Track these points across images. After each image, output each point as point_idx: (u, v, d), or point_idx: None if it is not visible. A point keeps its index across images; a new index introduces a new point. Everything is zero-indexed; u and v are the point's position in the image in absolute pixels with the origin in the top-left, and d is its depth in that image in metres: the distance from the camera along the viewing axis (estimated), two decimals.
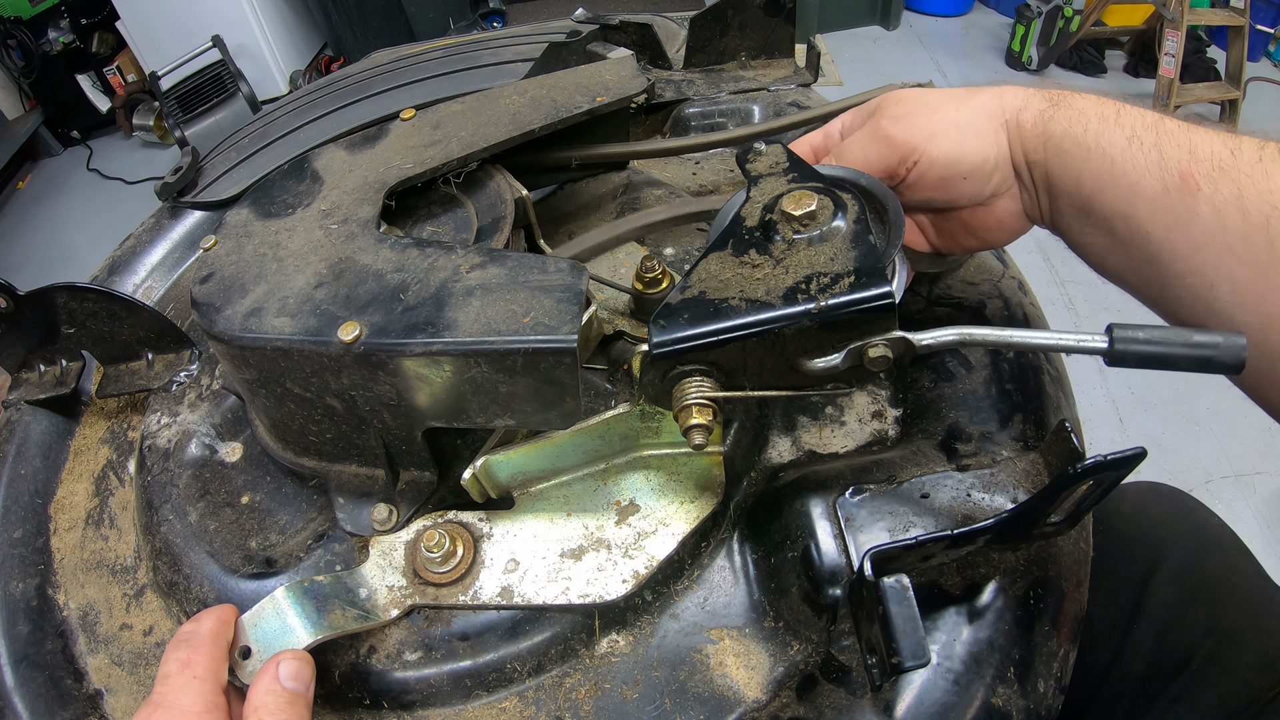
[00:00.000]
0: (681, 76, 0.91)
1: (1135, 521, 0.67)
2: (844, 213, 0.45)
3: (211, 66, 2.84)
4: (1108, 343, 0.43)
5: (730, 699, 0.48)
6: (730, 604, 0.52)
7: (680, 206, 0.63)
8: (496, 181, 0.60)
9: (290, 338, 0.46)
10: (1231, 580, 0.61)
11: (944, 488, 0.49)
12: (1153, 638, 0.60)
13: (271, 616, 0.45)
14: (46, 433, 0.71)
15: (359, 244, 0.51)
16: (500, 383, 0.44)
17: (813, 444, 0.58)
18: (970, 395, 0.57)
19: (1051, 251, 2.19)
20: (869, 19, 3.49)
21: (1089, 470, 0.39)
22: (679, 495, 0.52)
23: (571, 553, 0.50)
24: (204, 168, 0.84)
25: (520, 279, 0.46)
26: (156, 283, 0.86)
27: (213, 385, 0.65)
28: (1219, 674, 0.56)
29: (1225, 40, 2.82)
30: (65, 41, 3.29)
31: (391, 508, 0.52)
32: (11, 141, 3.27)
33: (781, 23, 0.88)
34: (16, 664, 0.57)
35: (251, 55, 3.09)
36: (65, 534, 0.65)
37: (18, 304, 0.63)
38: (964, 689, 0.45)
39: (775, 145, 0.54)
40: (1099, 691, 0.61)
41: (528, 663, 0.50)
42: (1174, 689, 0.57)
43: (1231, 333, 0.41)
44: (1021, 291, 0.65)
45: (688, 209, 0.63)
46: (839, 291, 0.41)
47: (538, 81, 0.65)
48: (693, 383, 0.44)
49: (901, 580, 0.39)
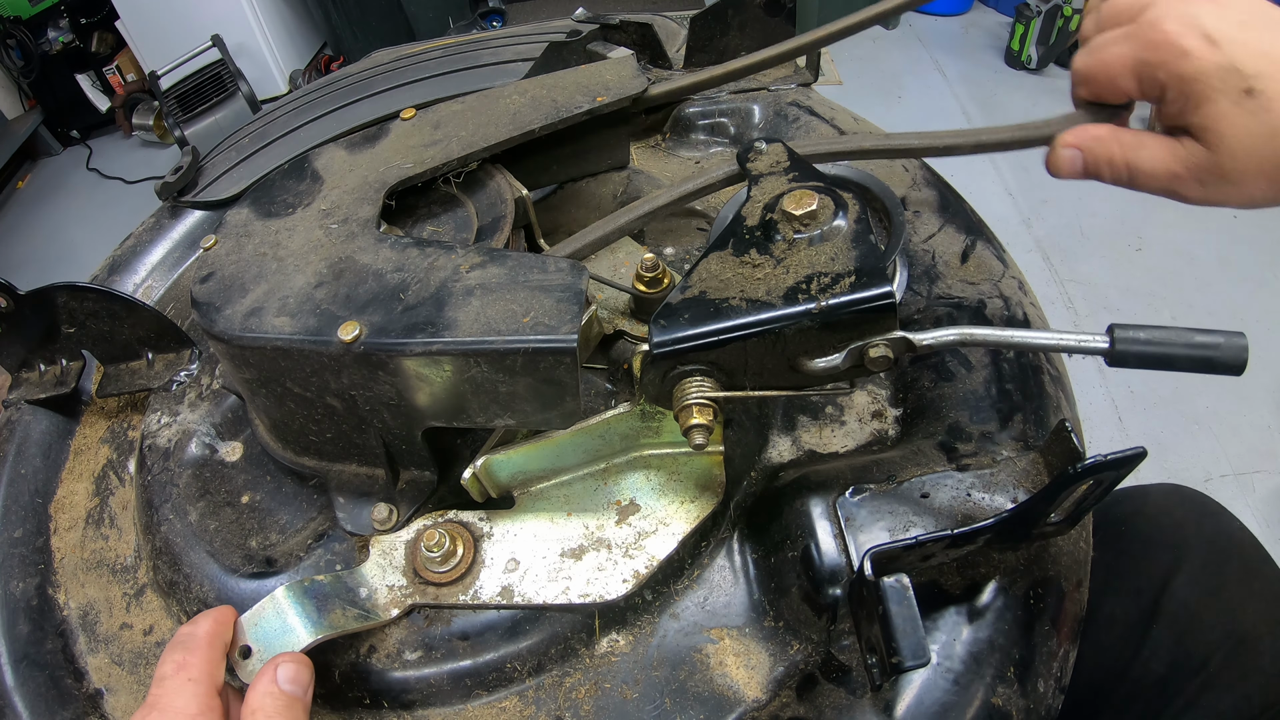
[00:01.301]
0: (682, 76, 0.91)
1: (1157, 523, 0.67)
2: (845, 212, 0.45)
3: (211, 66, 2.84)
4: (1108, 343, 0.43)
5: (730, 699, 0.48)
6: (730, 604, 0.52)
7: (680, 188, 0.61)
8: (496, 181, 0.60)
9: (290, 337, 0.46)
10: (1251, 584, 0.61)
11: (944, 487, 0.49)
12: (1171, 639, 0.60)
13: (272, 616, 0.45)
14: (47, 432, 0.71)
15: (359, 244, 0.51)
16: (500, 382, 0.44)
17: (813, 444, 0.58)
18: (970, 395, 0.57)
19: (1051, 251, 2.19)
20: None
21: (1089, 470, 0.39)
22: (679, 495, 0.52)
23: (572, 552, 0.50)
24: (204, 167, 0.84)
25: (520, 279, 0.46)
26: (156, 282, 0.86)
27: (213, 385, 0.65)
28: (1236, 678, 0.56)
29: None
30: (65, 41, 3.28)
31: (391, 507, 0.52)
32: (11, 141, 3.26)
33: (781, 22, 0.88)
34: (16, 663, 0.57)
35: (251, 55, 3.09)
36: (65, 533, 0.65)
37: (18, 303, 0.63)
38: (964, 689, 0.45)
39: (776, 144, 0.54)
40: (1115, 692, 0.61)
41: (528, 662, 0.50)
42: (1190, 691, 0.57)
43: (1232, 333, 0.41)
44: (1021, 291, 0.65)
45: (688, 188, 0.61)
46: (840, 291, 0.41)
47: (538, 81, 0.65)
48: (693, 382, 0.44)
49: (901, 580, 0.39)
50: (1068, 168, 0.51)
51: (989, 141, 0.57)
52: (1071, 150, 0.51)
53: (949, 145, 0.59)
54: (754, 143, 0.54)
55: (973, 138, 0.58)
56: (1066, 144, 0.51)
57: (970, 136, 0.58)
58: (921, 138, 0.60)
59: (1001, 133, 0.56)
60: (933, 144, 0.59)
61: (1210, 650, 0.58)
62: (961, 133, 0.58)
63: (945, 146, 0.59)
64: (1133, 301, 2.04)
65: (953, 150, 0.59)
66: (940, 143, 0.59)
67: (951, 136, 0.59)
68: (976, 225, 0.71)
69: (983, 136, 0.57)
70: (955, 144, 0.58)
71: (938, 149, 0.60)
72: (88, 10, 3.29)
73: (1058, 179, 0.53)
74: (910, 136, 0.60)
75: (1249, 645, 0.57)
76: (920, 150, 0.61)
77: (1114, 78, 0.49)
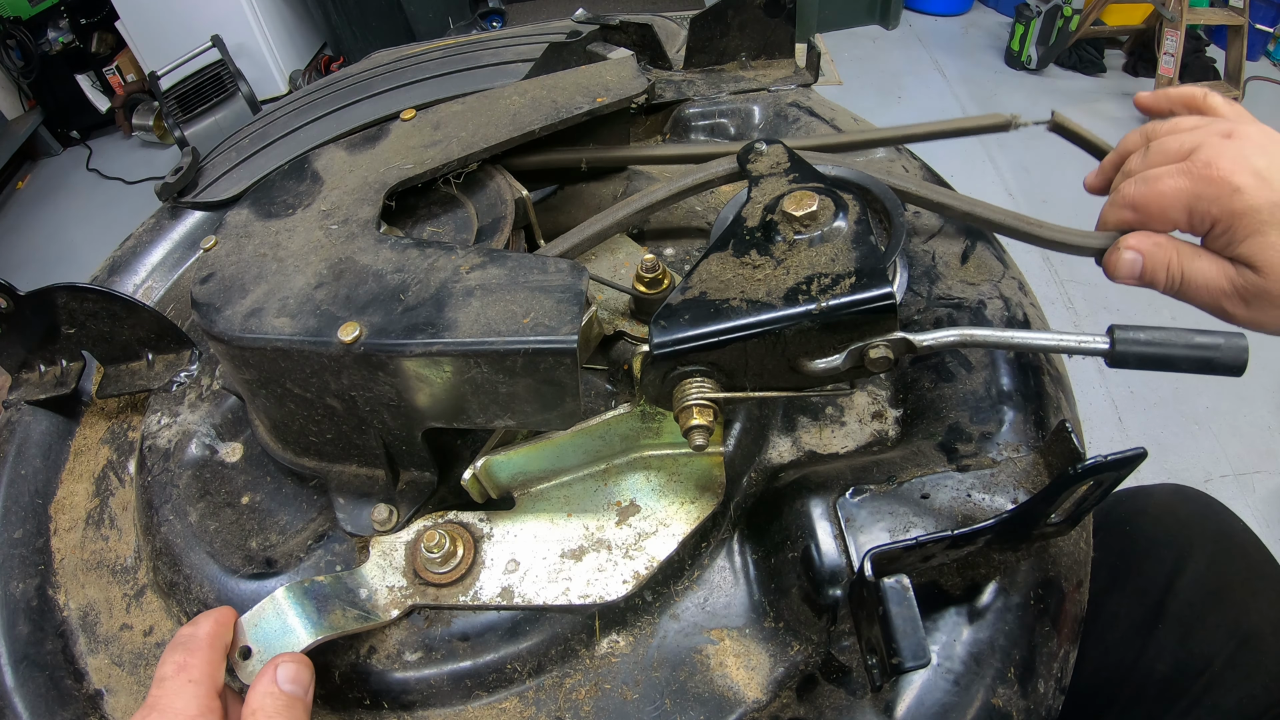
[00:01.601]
0: (682, 77, 0.91)
1: (1161, 523, 0.67)
2: (845, 213, 0.45)
3: (211, 66, 2.84)
4: (1109, 344, 0.43)
5: (730, 699, 0.48)
6: (730, 604, 0.52)
7: (675, 184, 0.61)
8: (496, 182, 0.60)
9: (290, 338, 0.46)
10: (1255, 584, 0.61)
11: (944, 488, 0.49)
12: (1175, 640, 0.60)
13: (272, 617, 0.45)
14: (47, 433, 0.71)
15: (359, 244, 0.51)
16: (500, 383, 0.44)
17: (813, 444, 0.58)
18: (970, 395, 0.57)
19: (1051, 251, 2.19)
20: (868, 19, 3.49)
21: (1089, 471, 0.39)
22: (679, 496, 0.52)
23: (572, 553, 0.50)
24: (204, 168, 0.84)
25: (520, 279, 0.46)
26: (157, 283, 0.86)
27: (213, 385, 0.65)
28: (1240, 678, 0.57)
29: (1224, 39, 2.82)
30: (65, 41, 3.29)
31: (392, 508, 0.52)
32: (11, 141, 3.26)
33: (782, 23, 0.88)
34: (17, 664, 0.57)
35: (251, 55, 3.09)
36: (65, 534, 0.65)
37: (18, 304, 0.63)
38: (964, 689, 0.45)
39: (776, 145, 0.54)
40: (1120, 692, 0.61)
41: (528, 663, 0.50)
42: (1194, 691, 0.57)
43: (1233, 334, 0.41)
44: (1021, 291, 0.65)
45: (684, 183, 0.61)
46: (840, 292, 0.41)
47: (538, 82, 0.65)
48: (693, 383, 0.44)
49: (902, 581, 0.39)
50: (1126, 269, 0.54)
51: (1038, 235, 0.59)
52: (1133, 254, 0.53)
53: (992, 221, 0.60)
54: (754, 144, 0.54)
55: (1022, 223, 0.60)
56: (1130, 246, 0.53)
57: (1017, 220, 0.60)
58: (973, 203, 0.61)
59: (1049, 230, 0.59)
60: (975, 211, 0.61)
61: (1214, 650, 0.58)
62: (1016, 215, 0.60)
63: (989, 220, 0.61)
64: (1133, 301, 2.04)
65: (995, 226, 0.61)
66: (985, 214, 0.61)
67: (1004, 214, 0.60)
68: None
69: (1035, 228, 0.59)
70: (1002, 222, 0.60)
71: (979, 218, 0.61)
72: (88, 10, 3.29)
73: (1114, 282, 0.55)
74: (962, 199, 0.61)
75: (1253, 644, 0.57)
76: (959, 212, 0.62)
77: (1166, 209, 0.52)
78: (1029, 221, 0.59)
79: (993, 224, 0.60)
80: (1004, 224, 0.60)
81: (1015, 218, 0.59)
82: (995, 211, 0.60)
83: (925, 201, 0.62)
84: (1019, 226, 0.59)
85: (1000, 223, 0.60)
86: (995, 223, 0.60)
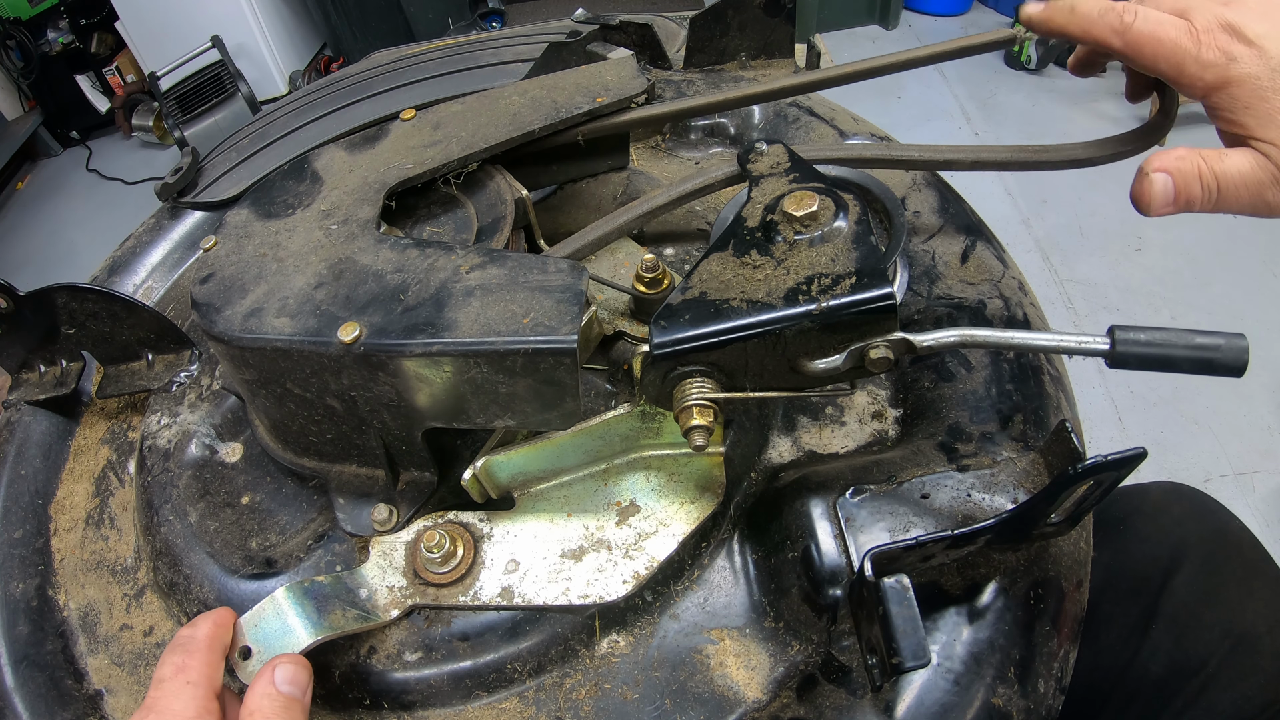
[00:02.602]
0: (681, 77, 0.91)
1: (1156, 521, 0.66)
2: (845, 213, 0.45)
3: (211, 67, 2.84)
4: (1109, 344, 0.43)
5: (730, 699, 0.48)
6: (730, 604, 0.52)
7: (679, 187, 0.62)
8: (496, 182, 0.60)
9: (290, 338, 0.46)
10: (1250, 583, 0.61)
11: (944, 488, 0.49)
12: (1170, 639, 0.60)
13: (272, 617, 0.45)
14: (47, 433, 0.71)
15: (359, 244, 0.51)
16: (500, 383, 0.44)
17: (813, 444, 0.58)
18: (970, 395, 0.57)
19: (1051, 251, 2.19)
20: (868, 19, 3.49)
21: (1089, 471, 0.39)
22: (679, 496, 0.52)
23: (572, 553, 0.50)
24: (204, 168, 0.84)
25: (520, 279, 0.46)
26: (156, 283, 0.86)
27: (213, 385, 0.65)
28: (1235, 678, 0.56)
29: None
30: (64, 42, 3.28)
31: (392, 508, 0.52)
32: (11, 142, 3.26)
33: (781, 23, 0.88)
34: (16, 664, 0.57)
35: (251, 55, 3.09)
36: (65, 534, 0.65)
37: (18, 304, 0.63)
38: (964, 689, 0.45)
39: (777, 145, 0.54)
40: (1115, 692, 0.61)
41: (528, 663, 0.50)
42: (1189, 691, 0.57)
43: (1233, 334, 0.41)
44: (1021, 291, 0.65)
45: (687, 188, 0.61)
46: (840, 292, 0.41)
47: (538, 82, 0.65)
48: (693, 384, 0.44)
49: (902, 580, 0.39)
50: (1160, 193, 0.47)
51: (1045, 160, 0.58)
52: (1162, 174, 0.46)
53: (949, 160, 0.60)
54: (754, 144, 0.54)
55: (972, 155, 0.60)
56: (1156, 169, 0.46)
57: (971, 154, 0.60)
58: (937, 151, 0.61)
59: (1053, 151, 0.57)
60: (933, 157, 0.61)
61: (1210, 649, 0.58)
62: (1018, 148, 0.59)
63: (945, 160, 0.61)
64: (1133, 301, 2.04)
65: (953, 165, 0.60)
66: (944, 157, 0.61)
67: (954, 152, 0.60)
68: (976, 225, 0.71)
69: (1040, 154, 0.58)
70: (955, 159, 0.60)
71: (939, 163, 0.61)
72: (87, 11, 3.29)
73: (1148, 215, 0.48)
74: (914, 149, 0.61)
75: (1248, 644, 0.57)
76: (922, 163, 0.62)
77: (1157, 56, 0.47)
78: (1031, 150, 0.58)
79: (1000, 164, 0.59)
80: (1011, 160, 0.59)
81: (1018, 150, 0.58)
82: (999, 151, 0.59)
83: (931, 164, 0.61)
84: (1025, 159, 0.58)
85: (1007, 160, 0.59)
86: (1002, 162, 0.59)
